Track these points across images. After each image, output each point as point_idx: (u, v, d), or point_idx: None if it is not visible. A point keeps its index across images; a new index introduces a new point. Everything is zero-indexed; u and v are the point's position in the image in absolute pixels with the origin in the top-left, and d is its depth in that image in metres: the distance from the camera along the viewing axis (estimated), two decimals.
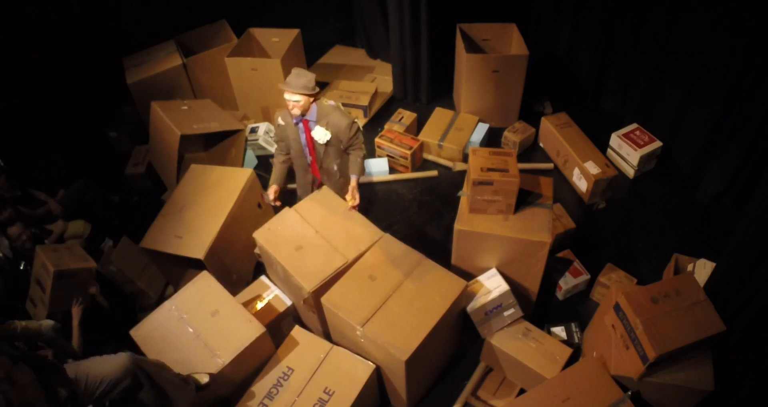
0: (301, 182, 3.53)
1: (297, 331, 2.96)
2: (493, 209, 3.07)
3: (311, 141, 3.20)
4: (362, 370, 2.77)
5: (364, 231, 3.14)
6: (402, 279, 2.87)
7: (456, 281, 2.87)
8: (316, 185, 3.49)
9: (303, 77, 3.00)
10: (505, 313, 3.12)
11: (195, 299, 3.01)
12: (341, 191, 3.34)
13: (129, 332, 2.92)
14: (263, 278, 3.47)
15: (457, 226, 3.07)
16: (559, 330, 3.34)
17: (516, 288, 3.20)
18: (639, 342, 2.65)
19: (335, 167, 3.32)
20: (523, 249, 3.04)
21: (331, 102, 3.22)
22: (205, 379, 2.69)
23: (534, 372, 2.91)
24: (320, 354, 2.82)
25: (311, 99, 3.06)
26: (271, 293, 3.35)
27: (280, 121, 3.23)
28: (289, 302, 3.29)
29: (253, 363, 2.89)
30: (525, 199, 3.15)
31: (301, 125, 3.16)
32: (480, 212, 3.09)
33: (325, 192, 3.37)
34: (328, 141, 3.16)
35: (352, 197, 3.16)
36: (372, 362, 2.81)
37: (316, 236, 3.13)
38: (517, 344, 3.01)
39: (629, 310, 2.70)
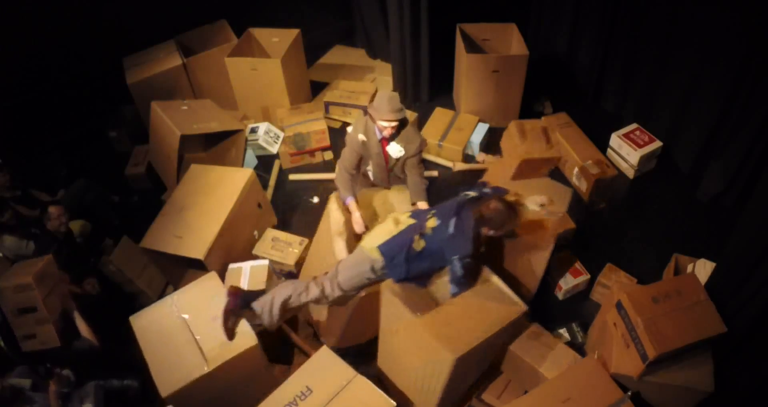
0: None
1: (324, 351, 2.85)
2: None
3: (386, 154, 3.31)
4: (381, 405, 2.65)
5: None
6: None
7: (515, 306, 2.78)
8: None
9: (395, 101, 3.08)
10: None
11: (198, 299, 3.01)
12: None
13: (129, 318, 2.94)
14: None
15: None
16: (562, 331, 3.34)
17: None
18: (639, 340, 2.66)
19: (404, 174, 3.43)
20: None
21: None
22: None
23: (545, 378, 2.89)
24: (342, 381, 2.71)
25: None
26: None
27: (362, 137, 3.26)
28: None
29: (241, 371, 2.86)
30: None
31: (381, 141, 3.27)
32: None
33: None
34: (399, 157, 3.29)
35: None
36: (409, 370, 2.72)
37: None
38: (536, 351, 2.98)
39: (631, 309, 2.71)
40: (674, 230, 3.97)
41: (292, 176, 4.60)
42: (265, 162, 4.74)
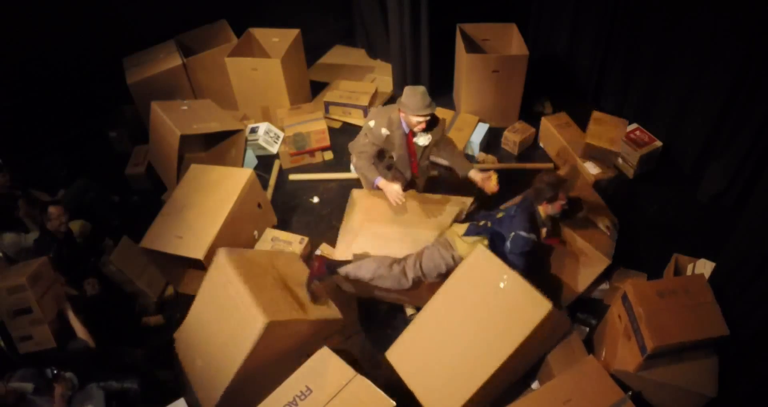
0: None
1: (324, 352, 2.87)
2: None
3: (413, 146, 3.39)
4: (381, 405, 2.65)
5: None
6: None
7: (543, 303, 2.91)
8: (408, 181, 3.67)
9: (427, 95, 3.14)
10: None
11: (289, 264, 3.25)
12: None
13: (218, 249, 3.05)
14: None
15: None
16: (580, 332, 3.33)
17: None
18: (640, 332, 2.69)
19: (426, 164, 3.62)
20: None
21: None
22: None
23: None
24: (342, 381, 2.73)
25: None
26: None
27: (385, 131, 3.28)
28: None
29: (318, 335, 3.05)
30: None
31: (407, 134, 3.33)
32: None
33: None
34: (427, 145, 3.38)
35: (491, 182, 3.31)
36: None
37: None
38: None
39: (635, 300, 2.74)
40: (674, 230, 3.97)
41: (292, 176, 4.60)
42: (265, 162, 4.74)
